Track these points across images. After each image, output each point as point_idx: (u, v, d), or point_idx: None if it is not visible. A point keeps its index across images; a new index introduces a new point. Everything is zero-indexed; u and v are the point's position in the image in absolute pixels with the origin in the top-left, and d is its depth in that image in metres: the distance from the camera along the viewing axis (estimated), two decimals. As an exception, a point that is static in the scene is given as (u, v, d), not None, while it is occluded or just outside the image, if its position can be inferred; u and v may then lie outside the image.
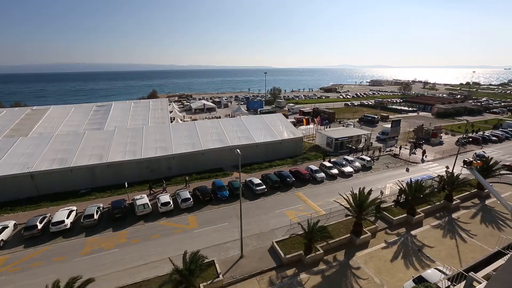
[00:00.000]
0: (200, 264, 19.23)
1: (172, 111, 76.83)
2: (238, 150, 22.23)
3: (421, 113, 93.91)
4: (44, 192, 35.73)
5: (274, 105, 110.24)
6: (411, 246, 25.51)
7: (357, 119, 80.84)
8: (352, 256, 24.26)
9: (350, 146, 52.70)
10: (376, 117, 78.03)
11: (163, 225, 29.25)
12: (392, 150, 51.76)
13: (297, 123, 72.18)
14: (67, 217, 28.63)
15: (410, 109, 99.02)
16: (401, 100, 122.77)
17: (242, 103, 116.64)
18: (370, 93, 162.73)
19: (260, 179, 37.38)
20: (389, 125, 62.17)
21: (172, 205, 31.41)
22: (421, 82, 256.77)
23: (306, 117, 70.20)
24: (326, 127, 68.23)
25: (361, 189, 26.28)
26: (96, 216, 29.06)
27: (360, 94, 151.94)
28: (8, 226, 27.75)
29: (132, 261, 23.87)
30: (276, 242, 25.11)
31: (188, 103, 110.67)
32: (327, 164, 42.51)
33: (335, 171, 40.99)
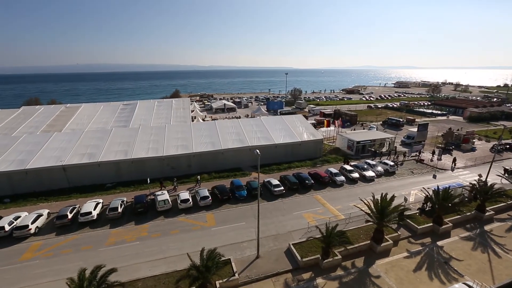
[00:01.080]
0: (217, 262, 19.54)
1: (193, 111, 78.69)
2: (258, 151, 22.27)
3: (452, 117, 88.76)
4: (75, 184, 38.01)
5: (294, 106, 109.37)
6: (437, 258, 24.15)
7: (381, 122, 78.00)
8: (371, 263, 23.44)
9: (373, 149, 50.97)
10: (401, 120, 74.86)
11: (182, 221, 30.00)
12: (418, 155, 49.36)
13: (318, 125, 71.04)
14: (94, 209, 30.26)
15: (439, 112, 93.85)
16: (429, 103, 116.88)
17: (262, 103, 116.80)
18: (395, 95, 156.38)
19: (278, 180, 37.21)
20: (415, 129, 59.40)
21: (191, 202, 32.16)
22: (452, 84, 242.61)
23: (327, 119, 68.98)
24: (349, 130, 66.47)
25: (383, 194, 25.33)
26: (120, 209, 30.43)
27: (385, 96, 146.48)
28: (43, 214, 29.87)
29: (152, 254, 24.71)
30: (293, 244, 24.87)
31: (209, 103, 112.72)
32: (348, 167, 41.43)
33: (355, 175, 39.85)
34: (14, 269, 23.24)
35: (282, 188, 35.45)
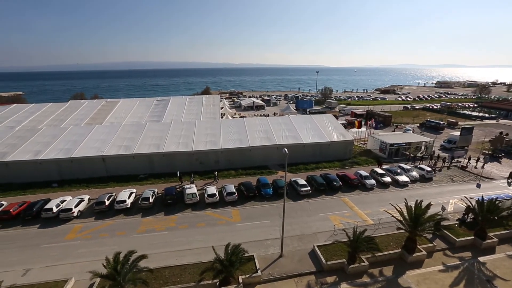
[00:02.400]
0: (241, 257, 19.79)
1: (223, 107, 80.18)
2: (286, 149, 22.07)
3: (502, 121, 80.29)
4: (112, 174, 40.82)
5: (324, 106, 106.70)
6: (478, 275, 22.10)
7: (418, 124, 73.05)
8: (402, 274, 22.13)
9: (408, 153, 47.98)
10: (441, 123, 69.45)
11: (208, 215, 30.84)
12: (460, 162, 45.47)
13: (348, 125, 68.56)
14: (128, 198, 32.30)
15: (487, 115, 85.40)
16: (475, 105, 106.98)
17: (291, 102, 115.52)
18: (435, 95, 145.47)
19: (305, 180, 36.62)
20: (457, 133, 54.74)
21: (218, 197, 32.90)
22: (504, 84, 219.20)
23: (358, 119, 66.23)
24: (382, 131, 63.26)
25: (418, 201, 23.75)
26: (151, 200, 32.11)
27: (423, 97, 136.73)
28: (84, 200, 32.58)
29: (179, 244, 25.74)
30: (317, 246, 24.35)
31: (238, 100, 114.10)
32: (379, 171, 39.45)
33: (387, 179, 37.83)
34: (59, 247, 25.70)
35: (308, 188, 34.84)
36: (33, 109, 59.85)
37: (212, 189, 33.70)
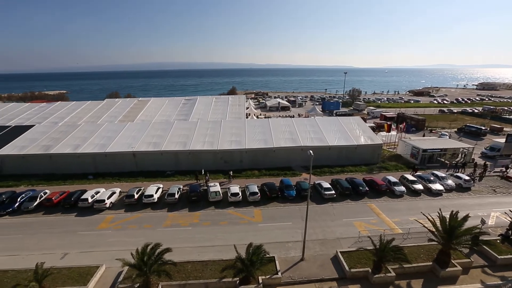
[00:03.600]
0: (262, 258, 19.80)
1: (248, 108, 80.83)
2: (311, 151, 21.69)
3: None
4: (141, 169, 42.90)
5: (352, 108, 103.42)
6: (521, 296, 20.05)
7: (455, 129, 68.02)
8: (432, 288, 20.72)
9: (443, 160, 44.85)
10: (483, 128, 63.97)
11: (230, 213, 31.23)
12: (505, 171, 41.55)
13: (377, 129, 65.70)
14: (156, 193, 33.68)
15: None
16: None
17: (317, 103, 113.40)
18: (477, 98, 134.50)
19: (329, 184, 35.70)
20: (502, 140, 50.11)
21: (241, 197, 33.19)
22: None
23: (388, 123, 63.17)
24: (415, 136, 59.82)
25: (453, 212, 22.11)
26: (176, 196, 33.21)
27: (462, 100, 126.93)
28: (116, 192, 34.56)
29: (201, 240, 26.36)
30: (340, 252, 23.61)
31: (263, 101, 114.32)
32: (410, 177, 37.29)
33: (419, 186, 35.65)
34: (92, 235, 27.56)
35: (333, 192, 33.93)
36: (74, 106, 64.72)
37: (235, 188, 34.08)
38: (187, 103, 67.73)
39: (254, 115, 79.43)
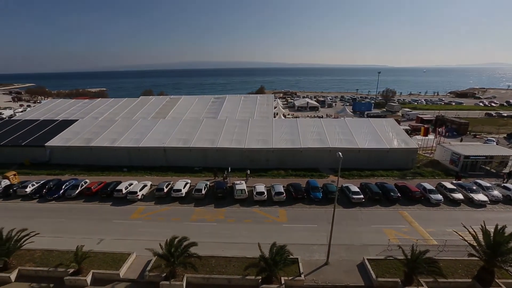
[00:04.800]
0: (285, 258, 19.66)
1: (276, 107, 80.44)
2: (340, 153, 21.01)
3: None
4: (171, 164, 44.74)
5: (385, 109, 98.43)
6: None
7: (505, 135, 61.71)
8: (471, 307, 19.03)
9: (488, 168, 40.93)
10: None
11: (255, 212, 31.36)
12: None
13: (412, 132, 61.95)
14: (184, 187, 34.92)
15: None
16: None
17: (347, 104, 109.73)
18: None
19: (358, 187, 34.36)
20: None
21: (266, 196, 33.19)
22: None
23: (425, 126, 59.14)
24: (456, 141, 55.35)
25: (499, 226, 20.08)
26: (203, 192, 34.13)
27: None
28: (147, 185, 36.44)
29: (226, 237, 26.80)
30: (368, 259, 22.60)
31: (292, 100, 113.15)
32: (449, 185, 34.55)
33: (459, 196, 32.89)
34: (125, 224, 29.35)
35: (361, 196, 32.60)
36: (112, 103, 69.23)
37: (261, 187, 34.15)
38: (216, 102, 69.13)
39: (282, 114, 78.90)
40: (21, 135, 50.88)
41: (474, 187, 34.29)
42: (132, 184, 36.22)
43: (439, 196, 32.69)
